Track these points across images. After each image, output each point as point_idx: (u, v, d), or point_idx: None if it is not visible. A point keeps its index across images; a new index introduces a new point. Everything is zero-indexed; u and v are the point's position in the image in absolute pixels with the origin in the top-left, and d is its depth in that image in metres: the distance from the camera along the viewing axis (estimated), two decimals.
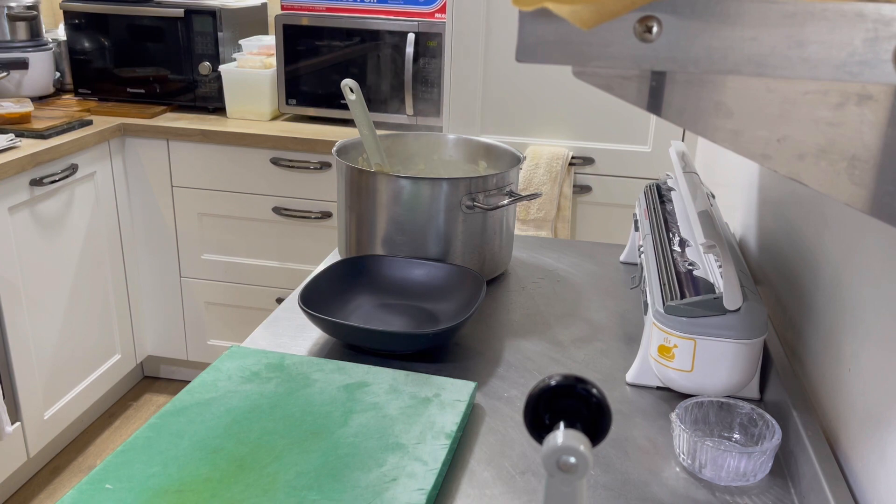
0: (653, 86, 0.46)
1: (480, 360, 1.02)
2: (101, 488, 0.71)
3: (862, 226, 0.81)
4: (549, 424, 0.51)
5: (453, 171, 1.40)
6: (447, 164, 1.41)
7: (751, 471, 0.79)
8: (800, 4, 0.37)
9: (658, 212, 1.20)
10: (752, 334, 0.87)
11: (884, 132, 0.40)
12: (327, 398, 0.87)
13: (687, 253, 1.04)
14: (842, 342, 0.83)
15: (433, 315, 1.11)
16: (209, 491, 0.72)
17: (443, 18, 2.12)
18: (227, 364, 0.93)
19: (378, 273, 1.16)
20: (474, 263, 1.21)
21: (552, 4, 0.38)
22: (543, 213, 2.03)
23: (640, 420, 0.90)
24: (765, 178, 1.25)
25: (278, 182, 2.28)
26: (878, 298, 0.75)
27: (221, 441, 0.79)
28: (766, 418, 0.82)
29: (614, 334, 1.11)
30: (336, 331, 1.03)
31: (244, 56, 2.41)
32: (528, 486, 0.78)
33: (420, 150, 1.41)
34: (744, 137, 0.43)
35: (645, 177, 2.02)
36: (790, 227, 1.07)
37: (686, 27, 0.39)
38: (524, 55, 0.42)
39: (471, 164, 1.39)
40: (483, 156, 1.38)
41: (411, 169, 1.41)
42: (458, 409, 0.86)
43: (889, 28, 0.36)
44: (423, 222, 1.18)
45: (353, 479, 0.74)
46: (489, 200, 1.18)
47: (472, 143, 1.41)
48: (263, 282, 2.41)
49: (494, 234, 1.23)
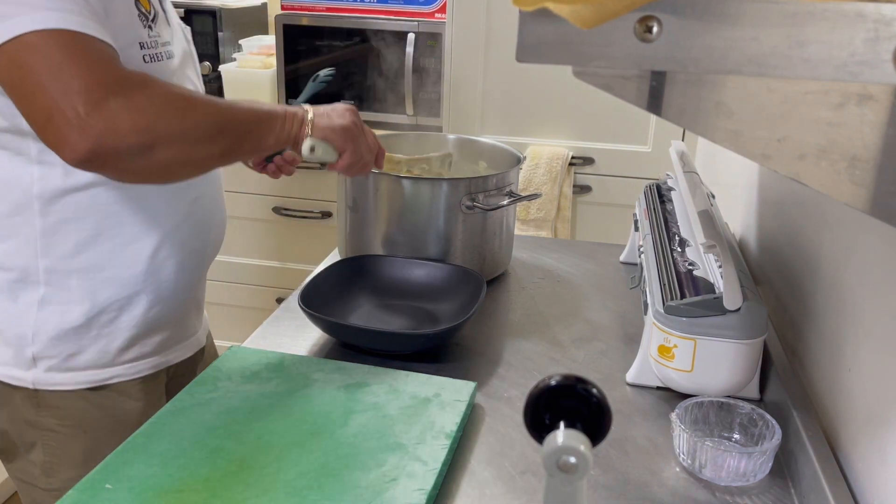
0: (653, 86, 0.46)
1: (480, 360, 1.02)
2: (101, 488, 0.71)
3: (862, 226, 0.81)
4: (549, 424, 0.51)
5: (453, 172, 1.40)
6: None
7: (751, 471, 0.79)
8: (800, 4, 0.37)
9: (658, 212, 1.20)
10: (752, 334, 0.87)
11: (884, 132, 0.40)
12: (327, 398, 0.87)
13: (687, 253, 1.04)
14: (842, 342, 0.83)
15: (433, 315, 1.11)
16: (209, 491, 0.72)
17: (443, 18, 2.12)
18: (227, 364, 0.93)
19: (378, 273, 1.16)
20: (474, 263, 1.21)
21: (552, 4, 0.38)
22: (543, 213, 2.03)
23: (640, 420, 0.90)
24: (765, 178, 1.25)
25: (278, 182, 2.28)
26: (878, 298, 0.75)
27: (221, 441, 0.79)
28: (766, 418, 0.82)
29: (614, 334, 1.11)
30: (336, 331, 1.03)
31: (244, 56, 2.40)
32: (528, 486, 0.78)
33: (420, 151, 1.41)
34: (744, 137, 0.43)
35: (645, 177, 2.02)
36: (790, 227, 1.07)
37: (686, 27, 0.39)
38: (524, 55, 0.42)
39: (471, 165, 1.39)
40: (483, 156, 1.38)
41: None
42: (458, 409, 0.86)
43: (889, 28, 0.36)
44: (423, 222, 1.18)
45: (353, 479, 0.74)
46: (489, 201, 1.18)
47: (472, 143, 1.41)
48: (263, 282, 2.41)
49: (494, 235, 1.23)
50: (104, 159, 0.78)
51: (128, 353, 1.02)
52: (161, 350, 1.06)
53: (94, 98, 0.76)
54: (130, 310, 1.00)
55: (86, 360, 0.99)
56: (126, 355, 1.02)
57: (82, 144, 0.76)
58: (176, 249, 1.02)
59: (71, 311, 0.97)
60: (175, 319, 1.07)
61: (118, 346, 1.00)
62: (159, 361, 1.06)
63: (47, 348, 0.97)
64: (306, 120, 0.95)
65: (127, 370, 1.02)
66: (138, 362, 1.03)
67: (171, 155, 0.82)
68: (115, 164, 0.80)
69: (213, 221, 1.09)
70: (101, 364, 1.00)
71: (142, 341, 1.03)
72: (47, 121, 0.77)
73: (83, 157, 0.77)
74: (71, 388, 0.99)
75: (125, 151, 0.78)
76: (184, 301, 1.07)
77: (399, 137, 1.40)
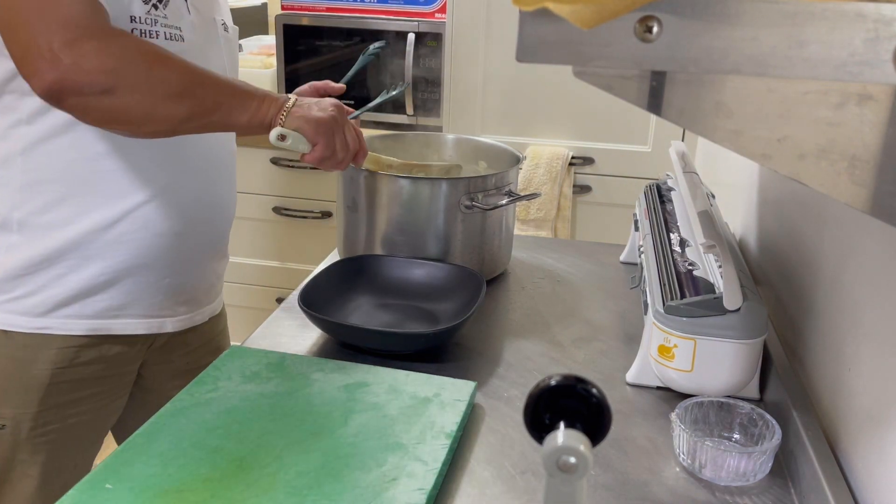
0: (653, 86, 0.46)
1: (480, 360, 1.02)
2: (102, 488, 0.71)
3: (862, 226, 0.81)
4: (549, 424, 0.51)
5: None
6: None
7: (751, 471, 0.79)
8: (800, 4, 0.37)
9: (658, 212, 1.20)
10: (752, 334, 0.87)
11: (884, 132, 0.40)
12: (327, 398, 0.87)
13: (687, 253, 1.04)
14: (842, 342, 0.83)
15: (433, 315, 1.11)
16: (209, 491, 0.72)
17: (443, 18, 2.12)
18: (227, 364, 0.93)
19: (378, 273, 1.16)
20: (474, 263, 1.21)
21: (552, 4, 0.38)
22: (543, 213, 2.03)
23: (640, 420, 0.90)
24: (765, 178, 1.25)
25: (278, 182, 2.28)
26: (878, 298, 0.75)
27: (221, 441, 0.79)
28: (766, 418, 0.82)
29: (614, 334, 1.11)
30: (336, 331, 1.03)
31: (244, 56, 2.40)
32: (528, 486, 0.78)
33: (420, 150, 1.41)
34: (744, 137, 0.43)
35: (645, 177, 2.02)
36: (790, 227, 1.07)
37: (686, 27, 0.39)
38: (524, 55, 0.42)
39: (471, 164, 1.39)
40: (483, 156, 1.38)
41: None
42: (458, 408, 0.86)
43: (889, 28, 0.36)
44: (423, 222, 1.18)
45: (353, 479, 0.74)
46: (488, 200, 1.18)
47: (472, 143, 1.41)
48: (263, 282, 2.41)
49: (494, 234, 1.23)
50: (67, 92, 0.85)
51: (67, 310, 1.04)
52: (102, 315, 1.06)
53: (70, 37, 0.84)
54: (78, 271, 1.02)
55: (25, 305, 1.02)
56: (64, 311, 1.04)
57: (49, 75, 0.84)
58: (139, 224, 1.04)
59: (28, 258, 1.01)
60: (127, 292, 1.07)
61: (59, 299, 1.03)
62: (96, 325, 1.06)
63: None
64: (284, 107, 0.97)
65: (62, 324, 1.04)
66: (71, 320, 1.05)
67: (133, 102, 0.88)
68: (77, 99, 0.86)
69: (183, 206, 1.08)
70: (38, 312, 1.03)
71: (80, 301, 1.04)
72: (24, 52, 0.85)
73: (48, 87, 0.84)
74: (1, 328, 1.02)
75: (87, 88, 0.85)
76: (146, 278, 1.07)
77: (399, 138, 1.40)
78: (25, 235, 1.01)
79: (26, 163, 0.99)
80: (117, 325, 1.08)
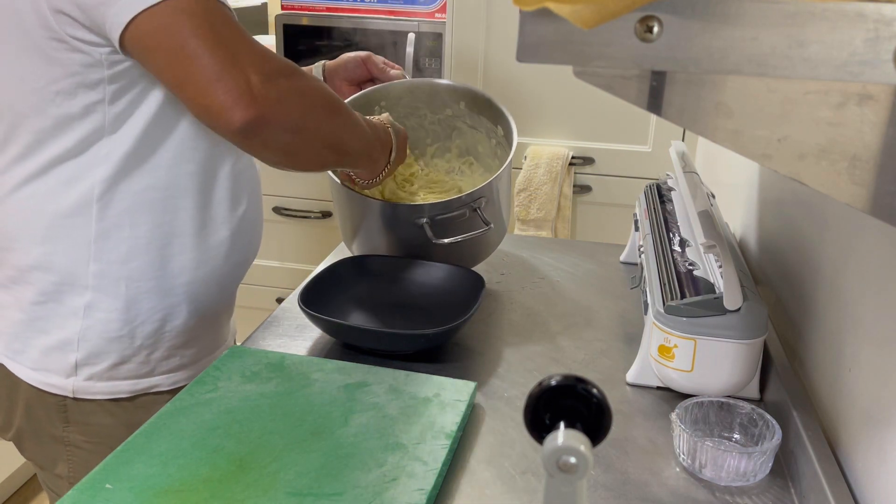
0: (653, 86, 0.46)
1: (480, 360, 1.02)
2: (102, 488, 0.71)
3: (862, 226, 0.81)
4: (549, 424, 0.51)
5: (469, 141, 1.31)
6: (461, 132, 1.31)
7: (751, 471, 0.79)
8: (800, 4, 0.37)
9: (658, 212, 1.20)
10: (752, 334, 0.87)
11: (884, 132, 0.40)
12: (327, 398, 0.87)
13: (687, 253, 1.04)
14: (842, 342, 0.83)
15: (433, 315, 1.11)
16: (209, 491, 0.72)
17: (443, 18, 2.12)
18: (227, 364, 0.93)
19: (378, 273, 1.16)
20: (464, 256, 1.18)
21: (553, 4, 0.38)
22: (543, 213, 2.03)
23: (640, 420, 0.90)
24: (765, 178, 1.25)
25: (278, 182, 2.28)
26: (878, 298, 0.75)
27: (221, 441, 0.79)
28: (766, 418, 0.82)
29: (614, 334, 1.11)
30: (336, 331, 1.03)
31: None
32: (528, 486, 0.78)
33: (419, 106, 1.30)
34: (744, 137, 0.43)
35: (645, 177, 2.02)
36: (790, 227, 1.07)
37: (686, 27, 0.39)
38: (524, 55, 0.42)
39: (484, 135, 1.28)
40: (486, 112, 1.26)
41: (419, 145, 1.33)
42: (458, 409, 0.86)
43: (890, 28, 0.36)
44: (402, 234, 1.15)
45: (353, 479, 0.74)
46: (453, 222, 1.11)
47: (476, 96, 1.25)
48: (263, 282, 2.41)
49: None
50: (263, 128, 0.81)
51: (168, 363, 1.01)
52: (197, 360, 1.06)
53: (266, 70, 0.81)
54: (172, 320, 0.99)
55: (128, 369, 0.98)
56: (166, 365, 1.01)
57: (252, 110, 0.79)
58: (220, 263, 1.02)
59: (116, 319, 0.96)
60: (212, 330, 1.07)
61: (159, 356, 1.00)
62: (195, 371, 1.05)
63: (91, 356, 0.96)
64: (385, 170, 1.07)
65: (165, 380, 1.02)
66: (176, 373, 1.03)
67: (306, 143, 0.88)
68: (269, 134, 0.83)
69: (254, 234, 1.09)
70: (142, 374, 1.00)
71: (180, 352, 1.02)
72: (212, 82, 0.78)
73: (248, 121, 0.79)
74: (106, 398, 0.98)
75: (285, 124, 0.83)
76: (221, 313, 1.08)
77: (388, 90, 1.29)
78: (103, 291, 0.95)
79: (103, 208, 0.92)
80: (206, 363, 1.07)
